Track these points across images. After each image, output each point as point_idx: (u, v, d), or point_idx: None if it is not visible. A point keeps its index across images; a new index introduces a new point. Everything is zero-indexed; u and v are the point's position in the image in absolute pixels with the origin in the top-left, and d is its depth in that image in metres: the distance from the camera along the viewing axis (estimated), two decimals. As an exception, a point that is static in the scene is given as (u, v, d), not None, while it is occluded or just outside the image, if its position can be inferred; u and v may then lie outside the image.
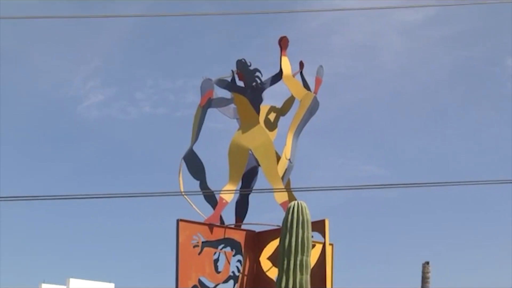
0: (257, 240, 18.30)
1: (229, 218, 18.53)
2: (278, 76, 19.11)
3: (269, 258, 18.10)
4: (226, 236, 17.95)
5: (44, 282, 43.20)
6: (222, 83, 18.87)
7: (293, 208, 16.54)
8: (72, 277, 43.65)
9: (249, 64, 18.87)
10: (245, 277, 17.96)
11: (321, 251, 17.80)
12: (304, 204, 16.75)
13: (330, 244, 18.16)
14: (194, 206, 18.12)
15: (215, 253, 17.77)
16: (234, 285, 17.92)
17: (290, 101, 19.44)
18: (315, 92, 19.20)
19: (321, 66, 19.56)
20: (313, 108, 19.02)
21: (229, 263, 17.93)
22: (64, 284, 43.49)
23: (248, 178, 18.86)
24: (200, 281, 17.46)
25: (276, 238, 17.33)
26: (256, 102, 18.82)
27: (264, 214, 18.73)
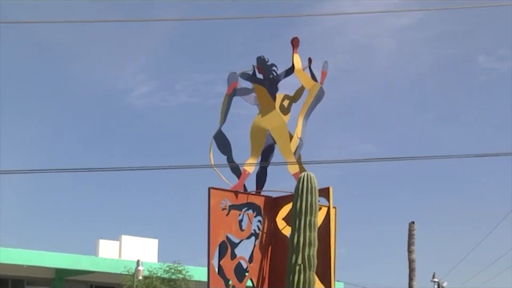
0: (274, 204, 18.35)
1: (251, 186, 18.60)
2: (290, 70, 19.09)
3: (283, 219, 18.16)
4: (248, 201, 18.01)
5: (101, 238, 43.37)
6: (245, 76, 18.88)
7: (303, 178, 16.60)
8: (124, 234, 43.83)
9: (267, 60, 18.88)
10: (264, 234, 18.04)
11: (326, 213, 17.83)
12: (312, 175, 16.80)
13: (333, 207, 18.18)
14: (222, 177, 18.19)
15: (239, 214, 17.84)
16: (255, 241, 17.99)
17: (300, 90, 19.42)
18: (321, 83, 19.16)
19: (326, 62, 19.51)
20: (319, 96, 19.00)
21: (251, 223, 18.00)
22: (117, 240, 43.66)
23: (266, 154, 18.90)
24: (227, 237, 17.55)
25: (289, 202, 17.40)
26: (272, 91, 18.84)
27: (279, 183, 18.81)
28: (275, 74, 18.90)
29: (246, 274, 17.73)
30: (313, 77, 19.23)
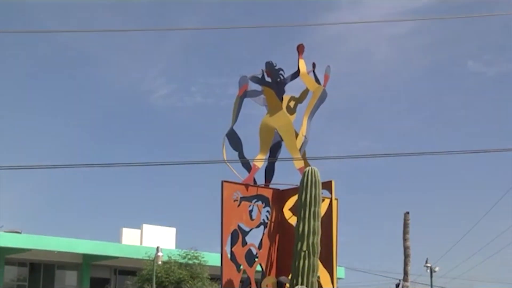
0: (281, 196, 18.28)
1: (260, 179, 18.52)
2: (296, 74, 19.00)
3: (290, 209, 18.09)
4: (258, 193, 17.94)
5: (124, 227, 43.38)
6: (254, 79, 18.80)
7: (308, 172, 16.51)
8: (145, 223, 43.84)
9: (275, 64, 18.79)
10: (272, 224, 17.98)
11: (329, 204, 17.76)
12: (316, 169, 16.71)
13: (335, 199, 18.10)
14: (234, 171, 18.12)
15: (250, 205, 17.77)
16: (264, 229, 17.93)
17: (305, 92, 19.33)
18: (324, 86, 19.06)
19: (328, 66, 19.40)
20: (323, 97, 18.90)
21: (260, 213, 17.93)
22: (139, 228, 43.66)
23: (274, 150, 18.82)
24: (239, 226, 17.49)
25: (295, 194, 17.32)
26: (280, 93, 18.76)
27: (286, 176, 18.70)
28: (282, 77, 18.82)
29: (256, 259, 17.68)
30: (317, 80, 19.15)
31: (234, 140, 18.44)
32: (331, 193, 17.83)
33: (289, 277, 16.53)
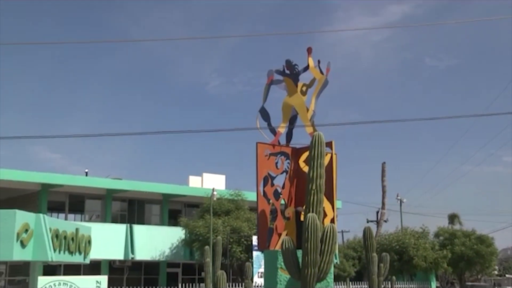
0: (297, 152, 18.25)
1: (283, 141, 18.50)
2: (306, 68, 18.77)
3: (304, 161, 18.08)
4: (281, 150, 17.90)
5: (190, 175, 43.90)
6: (278, 72, 18.61)
7: (316, 135, 16.40)
8: (204, 172, 44.27)
9: (292, 61, 18.60)
10: (291, 171, 17.97)
11: (330, 157, 17.69)
12: (321, 133, 16.58)
13: (335, 154, 18.02)
14: (264, 135, 18.08)
15: (276, 159, 17.75)
16: (286, 175, 17.94)
17: (313, 80, 19.09)
18: (326, 76, 18.85)
19: (329, 62, 19.08)
20: (325, 84, 18.68)
21: (283, 164, 17.88)
22: (200, 176, 44.13)
23: (292, 120, 18.73)
24: (268, 173, 17.50)
25: (307, 151, 17.25)
26: (295, 81, 18.58)
27: (300, 139, 18.71)
28: (297, 70, 18.64)
29: (280, 195, 17.72)
30: (321, 72, 18.92)
31: (264, 114, 18.37)
32: (332, 150, 17.76)
33: (303, 207, 16.61)
